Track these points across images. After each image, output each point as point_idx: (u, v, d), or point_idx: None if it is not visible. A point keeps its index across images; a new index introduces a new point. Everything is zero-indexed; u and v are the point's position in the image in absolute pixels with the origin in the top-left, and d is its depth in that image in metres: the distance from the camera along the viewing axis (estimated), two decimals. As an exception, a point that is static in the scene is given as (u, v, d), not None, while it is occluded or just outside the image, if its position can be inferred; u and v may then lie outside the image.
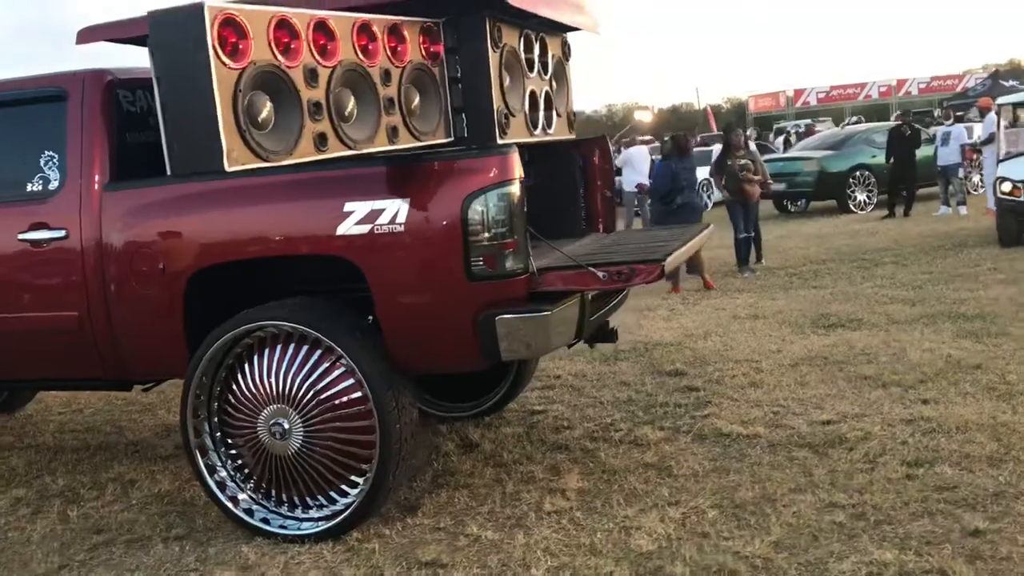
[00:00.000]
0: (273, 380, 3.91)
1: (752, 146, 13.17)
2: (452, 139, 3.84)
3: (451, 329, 3.75)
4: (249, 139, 2.82)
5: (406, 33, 3.54)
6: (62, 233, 4.20)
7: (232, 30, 2.79)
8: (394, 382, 3.84)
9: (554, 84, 4.62)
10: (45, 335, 4.32)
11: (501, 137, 3.88)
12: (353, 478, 3.92)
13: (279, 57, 2.94)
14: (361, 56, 3.29)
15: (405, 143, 3.55)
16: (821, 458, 4.39)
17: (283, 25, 2.96)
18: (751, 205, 10.32)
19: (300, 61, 3.02)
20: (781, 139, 31.81)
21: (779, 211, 18.25)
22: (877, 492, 3.92)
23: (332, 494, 3.96)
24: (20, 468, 5.35)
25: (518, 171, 3.75)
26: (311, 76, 3.06)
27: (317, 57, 3.09)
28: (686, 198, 9.26)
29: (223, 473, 4.09)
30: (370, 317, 3.93)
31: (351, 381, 3.83)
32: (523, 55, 4.17)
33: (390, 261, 3.74)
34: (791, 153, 19.23)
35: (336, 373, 3.85)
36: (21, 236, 4.27)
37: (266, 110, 2.92)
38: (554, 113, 4.54)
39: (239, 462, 4.08)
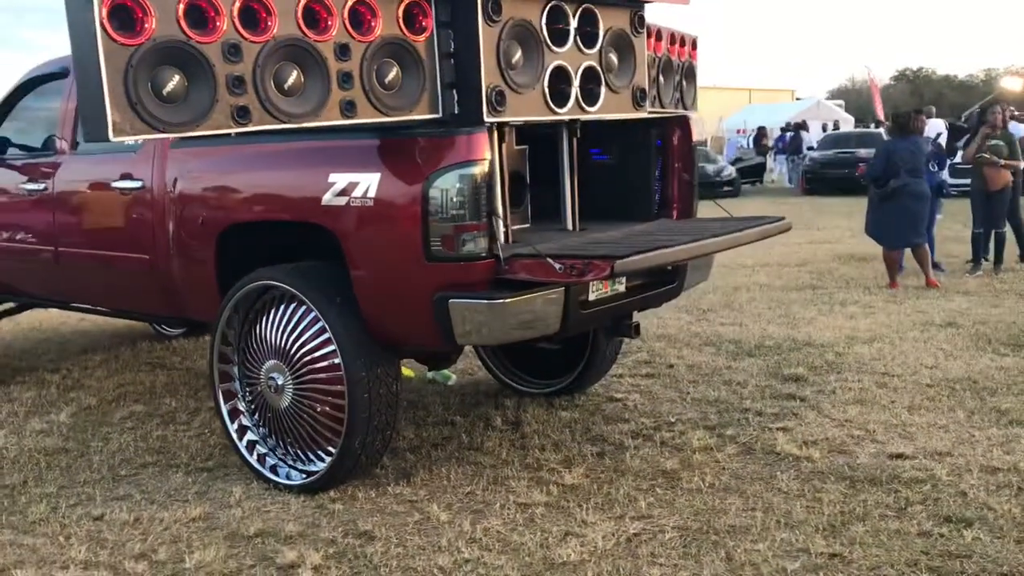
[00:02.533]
0: (273, 336, 4.13)
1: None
2: (440, 115, 3.77)
3: (411, 308, 3.74)
4: (141, 111, 2.99)
5: (378, 7, 3.52)
6: (140, 184, 4.68)
7: (136, 7, 2.96)
8: (368, 352, 3.90)
9: (611, 58, 4.34)
10: (127, 273, 4.86)
11: (492, 114, 3.73)
12: (337, 440, 4.05)
13: (190, 33, 3.06)
14: (307, 31, 3.33)
15: (366, 118, 3.54)
16: (849, 496, 3.86)
17: (200, 1, 3.08)
18: (996, 195, 8.96)
19: (220, 37, 3.13)
20: None
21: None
22: (866, 545, 3.40)
23: (320, 452, 4.13)
24: (157, 387, 6.07)
25: (485, 152, 3.64)
26: (232, 51, 3.15)
27: (243, 32, 3.17)
28: (902, 181, 8.24)
29: (245, 420, 4.39)
30: None
31: (331, 348, 3.94)
32: (545, 27, 3.96)
33: (360, 234, 3.80)
34: None
35: (321, 338, 3.98)
36: (114, 184, 4.82)
37: (172, 84, 3.07)
38: (603, 89, 4.26)
39: (254, 408, 4.36)
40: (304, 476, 4.15)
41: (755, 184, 25.72)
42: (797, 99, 51.04)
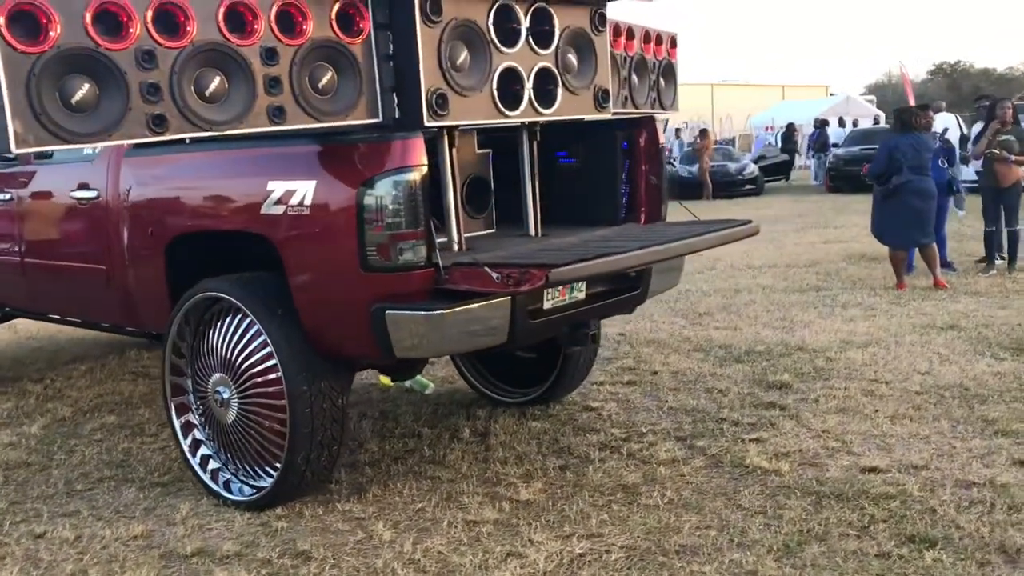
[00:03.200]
0: (219, 349, 4.03)
1: None
2: (380, 120, 3.64)
3: (349, 320, 3.63)
4: (46, 121, 2.89)
5: (308, 9, 3.40)
6: (95, 193, 4.60)
7: (40, 13, 2.86)
8: (310, 366, 3.78)
9: (569, 58, 4.18)
10: (87, 283, 4.79)
11: (433, 118, 3.60)
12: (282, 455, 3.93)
13: (99, 40, 2.96)
14: (229, 35, 3.22)
15: (297, 124, 3.42)
16: (811, 513, 3.67)
17: (109, 7, 2.98)
18: (1007, 191, 8.66)
19: (132, 43, 3.02)
20: None
21: None
22: (819, 568, 3.23)
23: (268, 468, 4.02)
24: (135, 397, 6.00)
25: (422, 158, 3.51)
26: (146, 58, 3.04)
27: (158, 38, 3.07)
28: (905, 179, 7.98)
29: (199, 434, 4.29)
30: None
31: (274, 361, 3.83)
32: (493, 28, 3.82)
33: (297, 244, 3.69)
34: None
35: (263, 351, 3.87)
36: (69, 195, 4.74)
37: (81, 92, 2.97)
38: (560, 90, 4.11)
39: (205, 422, 4.26)
40: (253, 492, 4.05)
41: (783, 181, 25.31)
42: (831, 95, 50.41)
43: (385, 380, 5.74)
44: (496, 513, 3.83)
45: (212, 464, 4.23)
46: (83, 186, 4.68)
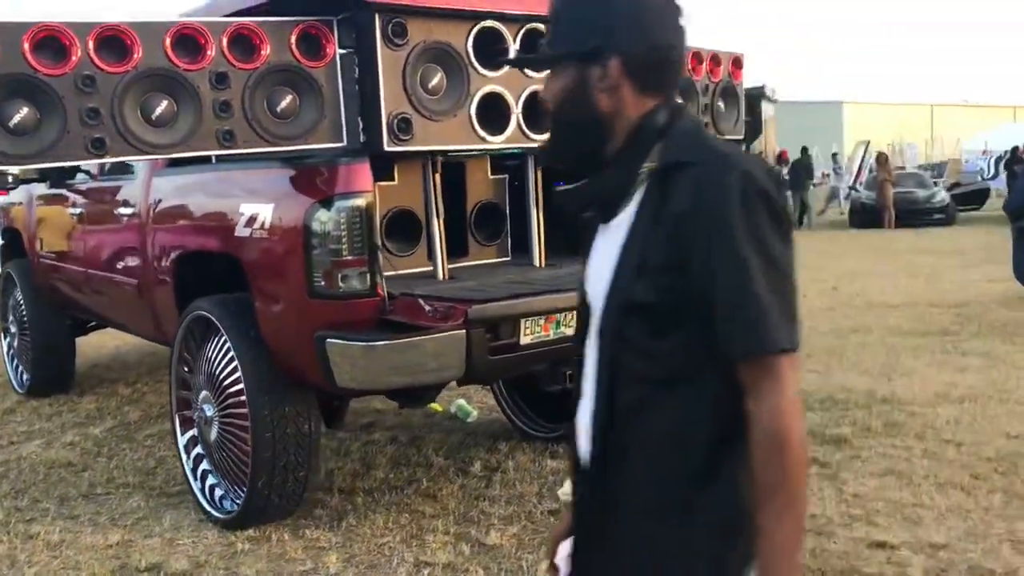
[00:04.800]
0: (206, 366, 4.09)
1: None
2: (344, 144, 3.57)
3: (300, 346, 3.58)
4: (-19, 143, 3.03)
5: (265, 34, 3.39)
6: (132, 210, 4.80)
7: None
8: (273, 390, 3.77)
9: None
10: (126, 296, 5.00)
11: (395, 143, 3.50)
12: (255, 477, 3.94)
13: (36, 66, 3.07)
14: (177, 60, 3.25)
15: (250, 147, 3.41)
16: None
17: (50, 35, 3.08)
18: None
19: (72, 69, 3.11)
20: None
21: None
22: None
23: (244, 489, 4.02)
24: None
25: (366, 184, 3.42)
26: (86, 83, 3.12)
27: (99, 63, 3.14)
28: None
29: (201, 448, 4.37)
30: None
31: (242, 385, 3.84)
32: (472, 51, 3.68)
33: (258, 266, 3.71)
34: None
35: (237, 373, 3.89)
36: (117, 210, 4.98)
37: (19, 116, 3.08)
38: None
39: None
40: (231, 511, 4.07)
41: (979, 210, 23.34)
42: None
43: (435, 406, 5.68)
44: (452, 556, 3.66)
45: (211, 479, 4.29)
46: (125, 203, 4.90)
